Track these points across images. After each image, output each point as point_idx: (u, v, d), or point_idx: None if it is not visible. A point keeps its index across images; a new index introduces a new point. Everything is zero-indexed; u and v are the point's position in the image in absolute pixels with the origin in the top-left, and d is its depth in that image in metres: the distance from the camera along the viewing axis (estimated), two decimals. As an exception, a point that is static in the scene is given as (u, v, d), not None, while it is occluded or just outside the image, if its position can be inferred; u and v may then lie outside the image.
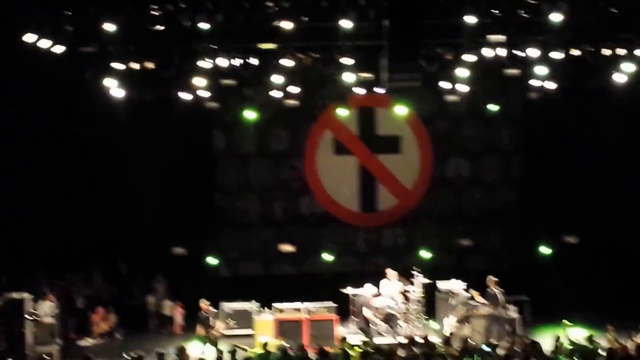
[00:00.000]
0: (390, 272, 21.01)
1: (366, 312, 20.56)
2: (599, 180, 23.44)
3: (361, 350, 15.20)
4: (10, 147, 21.81)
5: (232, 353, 15.41)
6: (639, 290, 22.26)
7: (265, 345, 15.72)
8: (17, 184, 22.09)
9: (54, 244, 22.87)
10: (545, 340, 16.95)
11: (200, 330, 18.49)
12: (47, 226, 22.64)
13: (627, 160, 23.44)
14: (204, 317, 18.61)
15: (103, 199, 23.33)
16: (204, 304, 18.71)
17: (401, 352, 15.27)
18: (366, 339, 17.29)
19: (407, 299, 20.63)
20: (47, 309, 19.65)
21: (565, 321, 17.29)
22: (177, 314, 22.73)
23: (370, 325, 20.37)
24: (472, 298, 19.81)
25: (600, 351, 15.57)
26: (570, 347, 15.61)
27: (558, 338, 16.18)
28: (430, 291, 20.66)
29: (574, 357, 14.37)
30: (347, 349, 15.58)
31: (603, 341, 16.50)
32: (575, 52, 19.46)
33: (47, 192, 22.61)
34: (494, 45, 19.17)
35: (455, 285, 20.53)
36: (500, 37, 18.86)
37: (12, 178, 21.98)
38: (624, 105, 21.76)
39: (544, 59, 19.63)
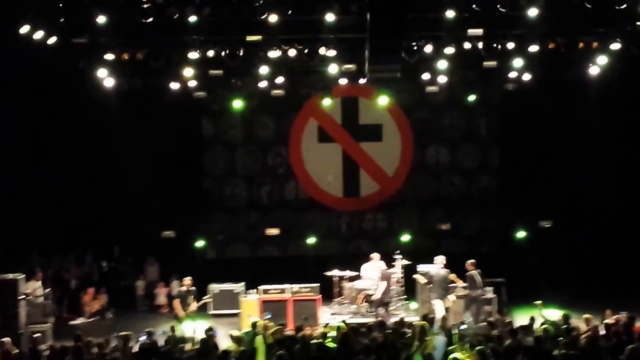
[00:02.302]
0: (375, 256, 21.35)
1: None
2: (573, 167, 24.13)
3: (340, 330, 15.47)
4: (4, 133, 22.10)
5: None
6: (611, 272, 22.82)
7: (254, 325, 16.09)
8: (12, 168, 22.40)
9: (46, 227, 23.25)
10: (521, 320, 17.19)
11: (177, 305, 18.83)
12: (40, 209, 23.01)
13: (600, 148, 23.90)
14: (184, 293, 18.95)
15: (95, 184, 23.71)
16: (187, 281, 19.17)
17: (376, 333, 15.48)
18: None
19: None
20: (36, 288, 19.90)
21: (537, 302, 17.56)
22: (163, 295, 23.35)
23: None
24: (451, 282, 19.75)
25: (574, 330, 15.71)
26: (545, 326, 15.71)
27: (533, 318, 16.40)
28: (410, 273, 20.92)
29: (553, 337, 14.59)
30: (327, 330, 15.96)
31: (578, 322, 16.75)
32: (551, 45, 19.72)
33: (40, 176, 23.00)
34: (472, 38, 19.51)
35: (435, 265, 19.84)
36: (479, 31, 19.12)
37: (6, 162, 22.28)
38: (598, 96, 22.20)
39: (521, 52, 19.98)
